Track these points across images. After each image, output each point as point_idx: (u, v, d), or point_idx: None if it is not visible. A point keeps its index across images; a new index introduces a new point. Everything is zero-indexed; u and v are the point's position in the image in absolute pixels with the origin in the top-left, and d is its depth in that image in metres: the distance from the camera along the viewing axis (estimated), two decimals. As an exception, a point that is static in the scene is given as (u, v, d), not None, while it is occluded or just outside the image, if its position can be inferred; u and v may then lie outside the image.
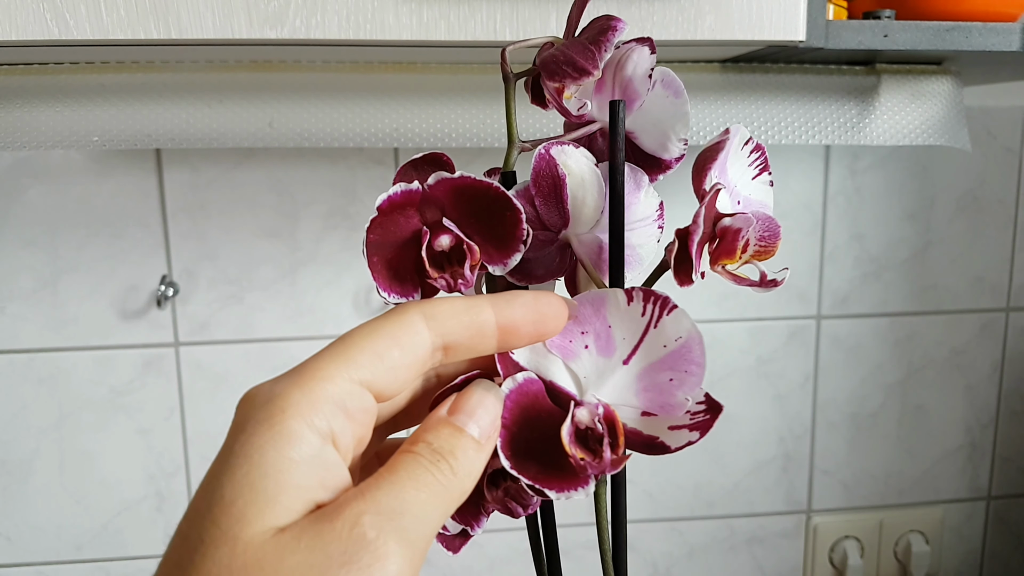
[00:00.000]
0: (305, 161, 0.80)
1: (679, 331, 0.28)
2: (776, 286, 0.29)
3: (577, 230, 0.32)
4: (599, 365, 0.29)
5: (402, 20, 0.51)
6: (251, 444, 0.22)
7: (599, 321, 0.28)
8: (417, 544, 0.22)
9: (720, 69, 0.69)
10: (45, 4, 0.49)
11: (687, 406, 0.28)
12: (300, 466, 0.22)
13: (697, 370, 0.28)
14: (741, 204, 0.32)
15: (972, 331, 0.93)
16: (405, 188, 0.30)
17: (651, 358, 0.28)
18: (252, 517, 0.21)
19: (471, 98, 0.66)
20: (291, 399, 0.23)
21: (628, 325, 0.28)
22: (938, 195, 0.89)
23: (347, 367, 0.24)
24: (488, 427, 0.26)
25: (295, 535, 0.21)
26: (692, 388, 0.28)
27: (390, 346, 0.25)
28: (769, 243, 0.29)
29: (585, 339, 0.28)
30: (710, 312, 0.88)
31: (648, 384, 0.28)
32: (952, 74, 0.72)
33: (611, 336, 0.28)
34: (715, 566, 0.94)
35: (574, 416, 0.27)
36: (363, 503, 0.22)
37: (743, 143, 0.31)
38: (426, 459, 0.24)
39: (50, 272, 0.79)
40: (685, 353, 0.28)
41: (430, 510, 0.23)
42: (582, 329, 0.28)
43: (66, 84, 0.63)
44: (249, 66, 0.65)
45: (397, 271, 0.30)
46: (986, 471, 0.97)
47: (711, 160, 0.30)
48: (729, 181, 0.31)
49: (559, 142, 0.31)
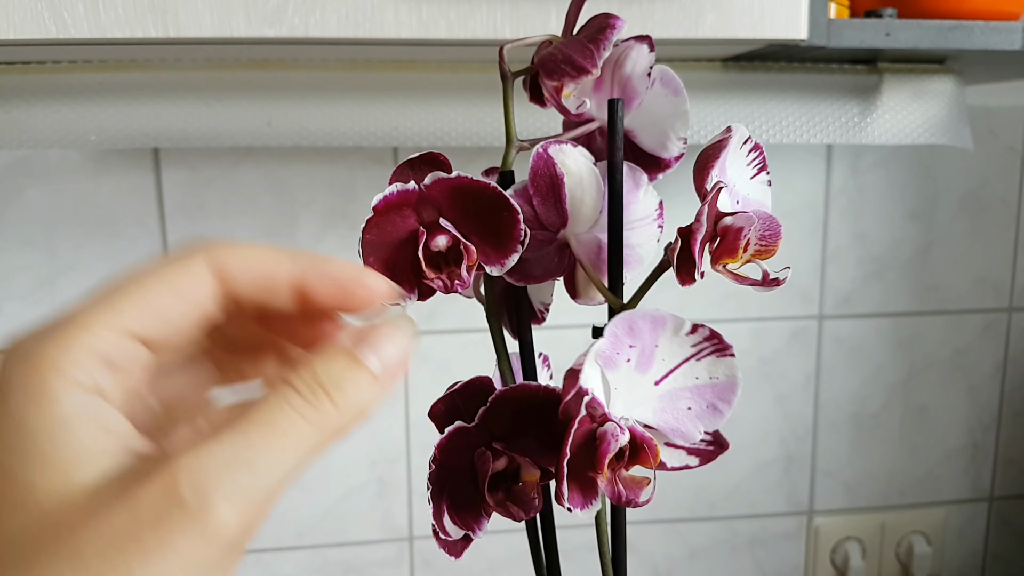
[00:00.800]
0: (304, 160, 0.80)
1: (720, 372, 0.29)
2: (778, 285, 0.29)
3: (576, 229, 0.32)
4: (632, 379, 0.29)
5: (401, 18, 0.51)
6: (12, 407, 0.21)
7: (651, 339, 0.29)
8: (254, 497, 0.21)
9: (721, 68, 0.68)
10: (43, 3, 0.49)
11: (696, 437, 0.29)
12: (69, 424, 0.21)
13: (725, 409, 0.29)
14: (740, 203, 0.32)
15: (975, 331, 0.92)
16: (401, 188, 0.30)
17: (679, 384, 0.29)
18: (36, 482, 0.20)
19: (471, 97, 0.66)
20: (47, 355, 0.21)
21: (674, 350, 0.29)
22: (940, 194, 0.89)
23: (111, 315, 0.22)
24: (392, 363, 0.25)
25: (96, 496, 0.20)
26: (710, 424, 0.29)
27: (163, 293, 0.23)
28: (770, 242, 0.29)
29: (631, 352, 0.29)
30: (711, 312, 0.87)
31: (667, 406, 0.29)
32: (954, 73, 0.71)
33: (654, 355, 0.29)
34: (716, 567, 0.94)
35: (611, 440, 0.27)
36: (185, 457, 0.21)
37: (742, 142, 0.31)
38: (300, 394, 0.22)
39: (48, 272, 0.79)
40: (718, 391, 0.29)
41: (283, 456, 0.22)
42: (631, 343, 0.28)
43: (64, 83, 0.63)
44: (247, 65, 0.64)
45: (394, 271, 0.30)
46: (988, 472, 0.96)
47: (713, 159, 0.30)
48: (728, 180, 0.31)
49: (557, 141, 0.31)
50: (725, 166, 0.31)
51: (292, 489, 0.94)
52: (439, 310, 0.83)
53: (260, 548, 0.86)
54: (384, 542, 0.87)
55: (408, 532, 0.87)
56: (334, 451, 0.95)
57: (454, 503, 0.30)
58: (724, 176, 0.31)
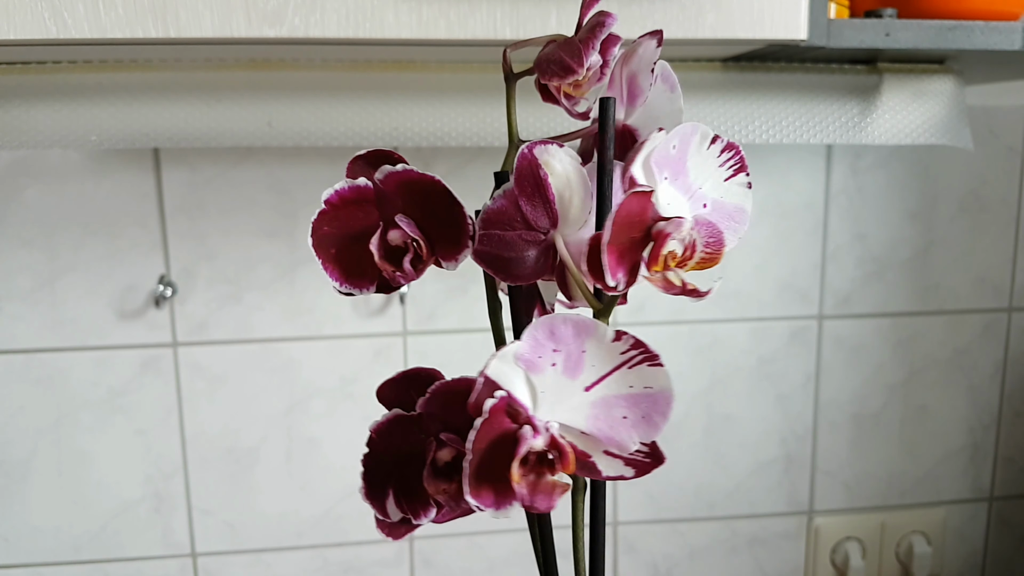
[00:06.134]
0: (304, 160, 0.80)
1: (652, 382, 0.28)
2: (699, 296, 0.29)
3: (565, 230, 0.31)
4: (560, 384, 0.29)
5: (401, 18, 0.51)
6: None
7: (576, 344, 0.28)
8: None
9: (721, 68, 0.68)
10: (43, 3, 0.49)
11: (632, 447, 0.29)
12: None
13: (659, 421, 0.28)
14: (709, 207, 0.31)
15: (974, 331, 0.92)
16: (352, 184, 0.30)
17: (613, 391, 0.29)
18: None
19: (471, 97, 0.66)
20: None
21: (604, 356, 0.28)
22: (940, 194, 0.89)
23: None
24: None
25: None
26: (646, 436, 0.29)
27: None
28: (715, 250, 0.28)
29: (555, 357, 0.28)
30: (712, 312, 0.87)
31: (601, 413, 0.29)
32: (954, 73, 0.71)
33: (582, 360, 0.28)
34: (716, 567, 0.94)
35: (524, 442, 0.27)
36: None
37: (706, 142, 0.30)
38: None
39: (48, 272, 0.79)
40: (652, 403, 0.28)
41: None
42: (555, 347, 0.28)
43: (64, 83, 0.63)
44: (248, 65, 0.64)
45: (354, 264, 0.30)
46: (988, 472, 0.96)
47: (630, 161, 0.29)
48: (690, 183, 0.30)
49: (543, 141, 0.30)
50: (684, 167, 0.30)
51: (292, 489, 0.94)
52: (439, 311, 0.83)
53: (260, 548, 0.86)
54: (384, 542, 0.87)
55: (408, 532, 0.87)
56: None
57: (400, 488, 0.30)
58: (681, 179, 0.30)
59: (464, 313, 0.84)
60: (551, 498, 0.27)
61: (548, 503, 0.27)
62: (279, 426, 0.84)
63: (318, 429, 0.85)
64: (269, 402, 0.83)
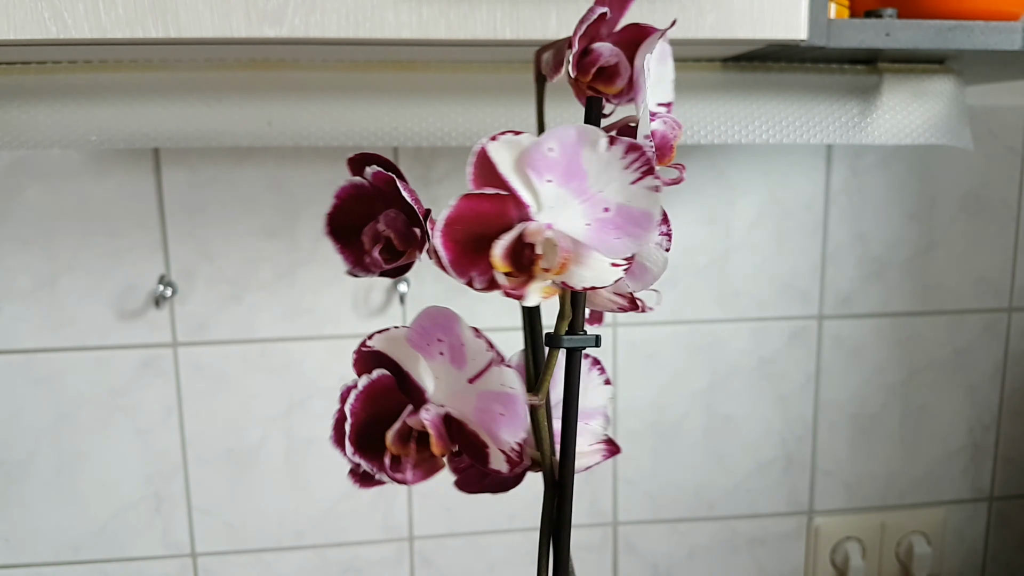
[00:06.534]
0: (304, 160, 0.80)
1: (505, 382, 0.31)
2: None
3: None
4: (450, 373, 0.32)
5: (401, 18, 0.51)
6: None
7: (453, 337, 0.31)
8: None
9: (721, 68, 0.68)
10: (43, 3, 0.49)
11: (507, 445, 0.31)
12: None
13: (517, 422, 0.31)
14: (612, 211, 0.29)
15: (974, 331, 0.92)
16: (350, 181, 0.34)
17: (490, 387, 0.31)
18: None
19: (471, 97, 0.66)
20: None
21: (477, 352, 0.31)
22: (940, 195, 0.89)
23: None
24: None
25: None
26: (510, 433, 0.31)
27: None
28: (565, 258, 0.29)
29: (441, 347, 0.31)
30: (712, 312, 0.87)
31: (483, 407, 0.31)
32: (954, 73, 0.71)
33: (464, 353, 0.31)
34: (716, 567, 0.94)
35: (404, 421, 0.31)
36: None
37: (601, 142, 0.29)
38: None
39: (48, 272, 0.79)
40: (509, 402, 0.31)
41: None
42: (439, 336, 0.31)
43: (64, 83, 0.63)
44: (248, 65, 0.64)
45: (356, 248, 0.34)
46: (988, 472, 0.96)
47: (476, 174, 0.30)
48: (587, 186, 0.29)
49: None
50: (579, 169, 0.29)
51: (292, 489, 0.94)
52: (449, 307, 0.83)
53: (260, 548, 0.86)
54: (384, 542, 0.87)
55: (408, 532, 0.87)
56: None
57: (363, 437, 0.32)
58: (576, 180, 0.29)
59: (465, 313, 0.84)
60: (420, 473, 0.31)
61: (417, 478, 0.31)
62: (279, 426, 0.84)
63: (318, 429, 0.84)
64: (269, 402, 0.83)
